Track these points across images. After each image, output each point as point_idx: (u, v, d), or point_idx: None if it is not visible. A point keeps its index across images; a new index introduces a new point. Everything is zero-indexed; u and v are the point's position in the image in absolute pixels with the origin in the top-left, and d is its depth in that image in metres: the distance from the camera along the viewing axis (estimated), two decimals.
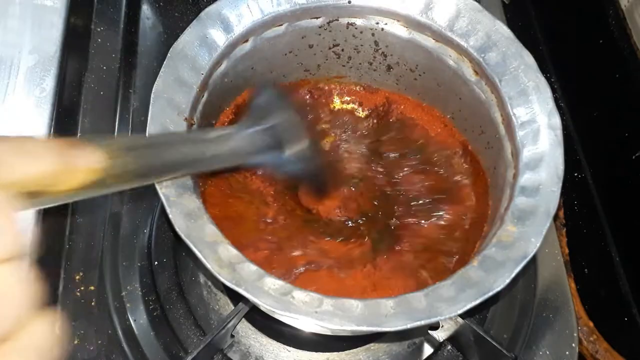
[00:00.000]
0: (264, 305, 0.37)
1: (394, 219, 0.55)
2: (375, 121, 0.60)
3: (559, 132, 0.45)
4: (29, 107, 0.55)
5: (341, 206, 0.55)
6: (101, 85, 0.63)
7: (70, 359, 0.52)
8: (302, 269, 0.51)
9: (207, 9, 0.48)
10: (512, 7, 0.78)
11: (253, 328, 0.55)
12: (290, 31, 0.52)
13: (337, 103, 0.61)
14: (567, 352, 0.55)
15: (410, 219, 0.55)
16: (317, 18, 0.52)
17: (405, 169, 0.58)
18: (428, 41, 0.52)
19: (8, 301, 0.22)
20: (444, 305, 0.38)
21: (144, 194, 0.59)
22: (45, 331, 0.24)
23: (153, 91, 0.44)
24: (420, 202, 0.56)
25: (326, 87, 0.60)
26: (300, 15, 0.51)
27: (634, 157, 0.62)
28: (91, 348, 0.52)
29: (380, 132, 0.60)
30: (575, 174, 0.70)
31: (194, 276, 0.57)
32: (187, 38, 0.47)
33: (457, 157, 0.57)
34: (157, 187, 0.40)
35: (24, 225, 0.51)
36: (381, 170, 0.58)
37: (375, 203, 0.56)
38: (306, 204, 0.55)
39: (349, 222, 0.55)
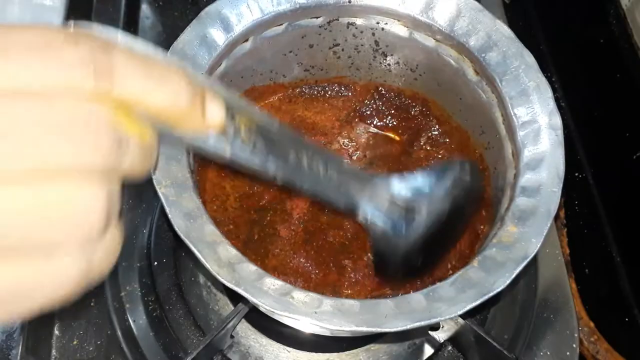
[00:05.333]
0: (264, 305, 0.37)
1: None
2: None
3: (560, 132, 0.45)
4: None
5: None
6: None
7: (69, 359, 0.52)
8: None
9: (206, 9, 0.48)
10: (512, 7, 0.78)
11: (253, 329, 0.54)
12: (290, 31, 0.52)
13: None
14: (567, 353, 0.55)
15: None
16: (317, 17, 0.52)
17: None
18: (428, 41, 0.52)
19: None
20: (444, 306, 0.38)
21: (143, 193, 0.59)
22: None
23: None
24: None
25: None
26: (300, 14, 0.51)
27: (634, 157, 0.62)
28: (90, 349, 0.52)
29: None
30: (576, 174, 0.69)
31: (194, 276, 0.56)
32: (187, 37, 0.47)
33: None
34: (157, 187, 0.40)
35: None
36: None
37: None
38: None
39: None
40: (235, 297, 0.55)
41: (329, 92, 0.60)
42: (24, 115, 0.19)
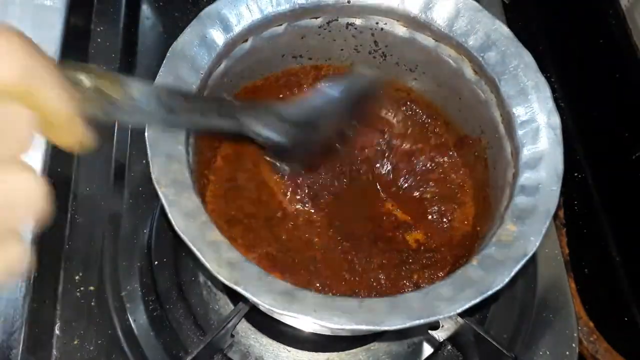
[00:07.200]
0: (263, 304, 0.37)
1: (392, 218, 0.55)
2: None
3: (559, 131, 0.45)
4: None
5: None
6: None
7: (70, 359, 0.52)
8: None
9: (206, 9, 0.48)
10: (512, 7, 0.78)
11: (253, 328, 0.55)
12: (290, 31, 0.52)
13: None
14: (567, 352, 0.55)
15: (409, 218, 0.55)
16: (316, 18, 0.52)
17: (405, 169, 0.58)
18: (428, 41, 0.52)
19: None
20: (443, 304, 0.38)
21: (143, 194, 0.59)
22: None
23: None
24: (420, 200, 0.56)
25: None
26: (299, 15, 0.51)
27: (634, 157, 0.62)
28: (91, 348, 0.52)
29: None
30: (575, 174, 0.70)
31: (194, 276, 0.56)
32: (187, 38, 0.47)
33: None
34: (157, 186, 0.40)
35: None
36: (383, 171, 0.58)
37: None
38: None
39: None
40: (235, 297, 0.55)
41: None
42: None
